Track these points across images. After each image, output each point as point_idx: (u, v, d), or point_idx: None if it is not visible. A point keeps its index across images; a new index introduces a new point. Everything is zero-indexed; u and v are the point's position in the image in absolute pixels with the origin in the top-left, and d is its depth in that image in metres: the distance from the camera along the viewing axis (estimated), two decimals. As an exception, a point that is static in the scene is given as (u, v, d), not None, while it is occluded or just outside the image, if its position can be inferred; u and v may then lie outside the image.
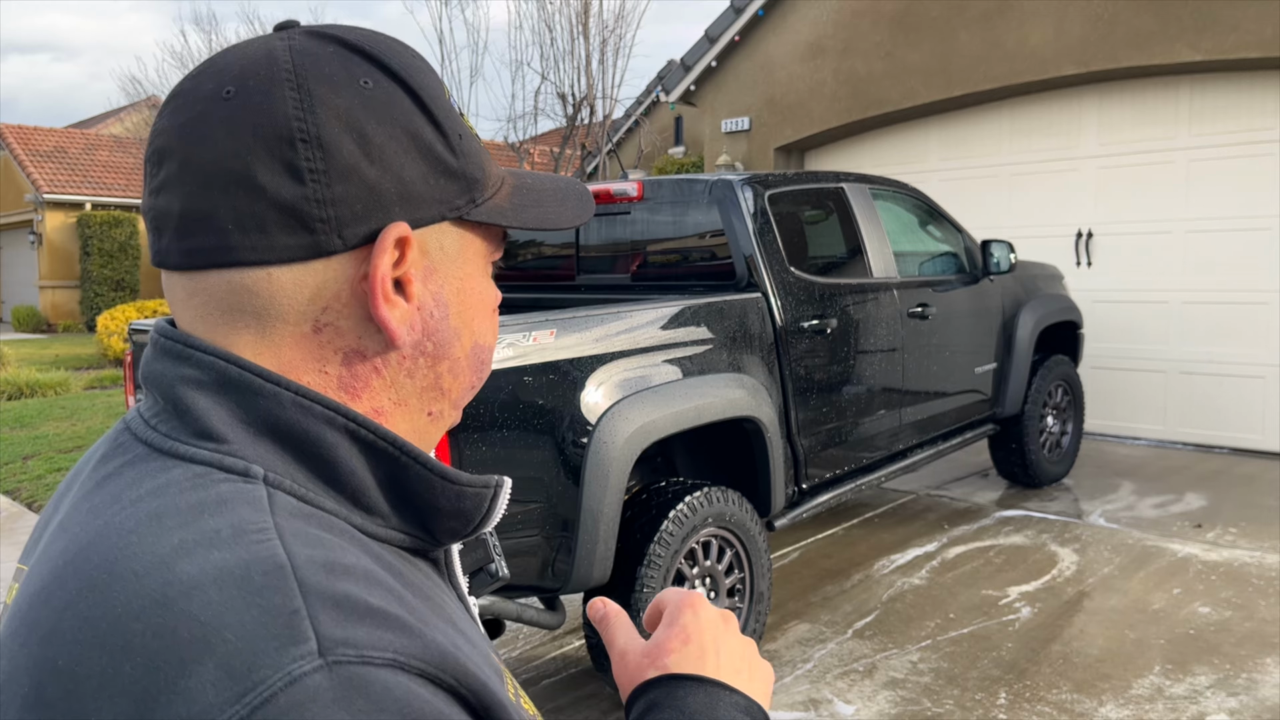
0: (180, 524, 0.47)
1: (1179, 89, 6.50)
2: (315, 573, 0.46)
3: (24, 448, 7.08)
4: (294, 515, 0.50)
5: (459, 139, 0.59)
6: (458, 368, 0.62)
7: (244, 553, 0.46)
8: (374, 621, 0.45)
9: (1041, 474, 5.40)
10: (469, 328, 0.62)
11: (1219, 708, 2.97)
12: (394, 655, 0.45)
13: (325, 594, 0.45)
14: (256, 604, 0.44)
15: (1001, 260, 4.81)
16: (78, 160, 20.64)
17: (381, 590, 0.48)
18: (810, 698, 3.11)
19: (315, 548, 0.48)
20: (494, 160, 0.64)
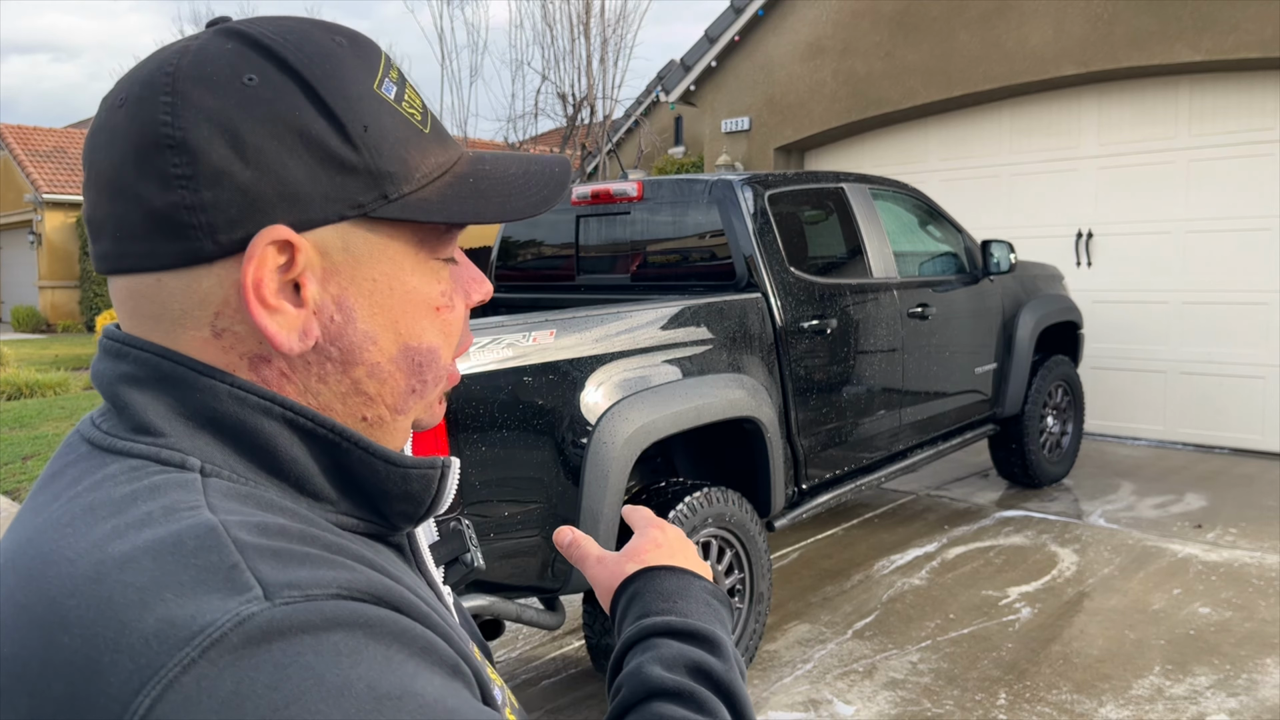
0: (113, 512, 0.48)
1: (1179, 89, 6.50)
2: (249, 532, 0.47)
3: (23, 448, 7.08)
4: (229, 497, 0.50)
5: (363, 130, 0.55)
6: (379, 373, 0.59)
7: (175, 526, 0.46)
8: (313, 564, 0.47)
9: (1041, 474, 5.40)
10: (390, 331, 0.58)
11: (1219, 708, 2.97)
12: (338, 589, 0.46)
13: (262, 548, 0.46)
14: (193, 565, 0.44)
15: (1001, 260, 4.81)
16: (77, 160, 20.62)
17: (320, 544, 0.49)
18: (810, 698, 3.11)
19: (248, 516, 0.49)
20: (439, 148, 0.59)
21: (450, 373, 0.64)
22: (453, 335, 0.62)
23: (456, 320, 0.63)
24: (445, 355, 0.62)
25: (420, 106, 0.60)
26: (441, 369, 0.62)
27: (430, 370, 0.61)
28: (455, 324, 0.63)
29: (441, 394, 0.65)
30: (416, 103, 0.59)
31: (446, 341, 0.62)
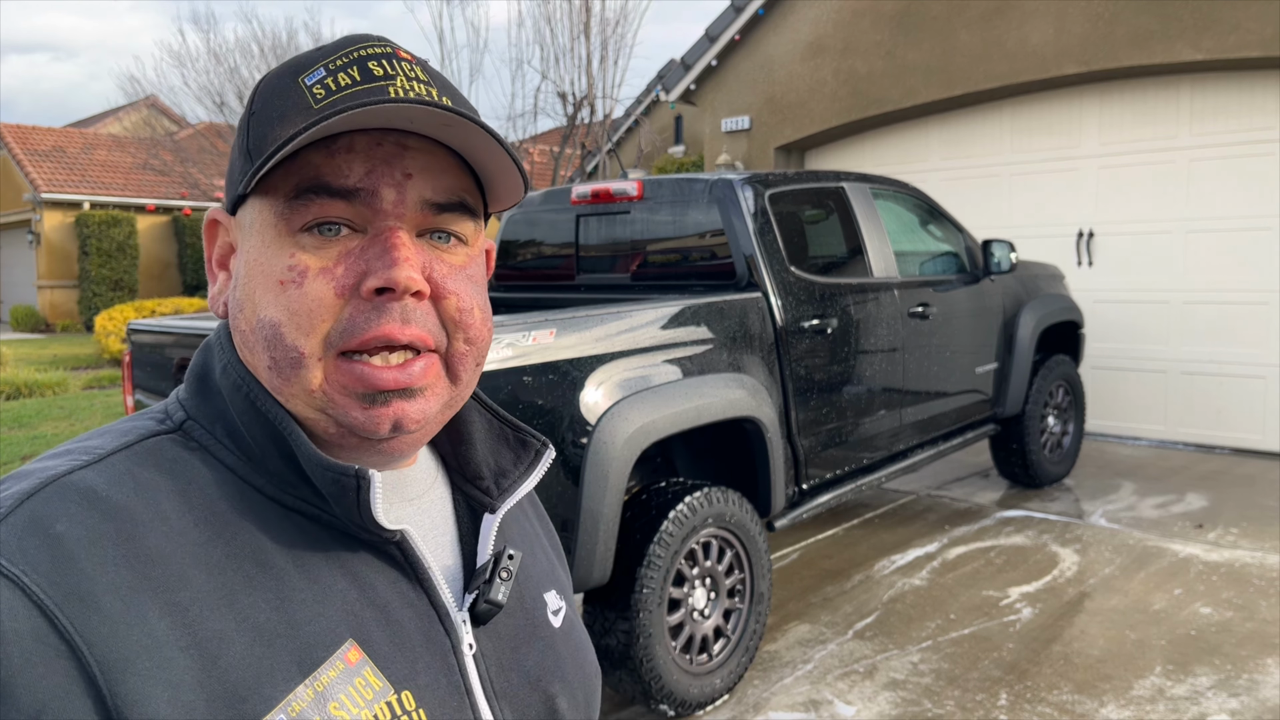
0: (89, 435, 0.62)
1: (1180, 88, 6.49)
2: (60, 491, 0.54)
3: (22, 448, 7.07)
4: (147, 454, 0.59)
5: (249, 117, 0.63)
6: (248, 341, 0.62)
7: (63, 461, 0.57)
8: (42, 544, 0.52)
9: (1042, 474, 5.39)
10: (250, 299, 0.61)
11: (1220, 708, 2.96)
12: (19, 575, 0.51)
13: (36, 508, 0.53)
14: (5, 489, 0.55)
15: (1002, 260, 4.80)
16: (76, 160, 20.62)
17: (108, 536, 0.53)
18: (810, 698, 3.10)
19: (105, 478, 0.56)
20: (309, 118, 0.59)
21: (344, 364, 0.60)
22: (300, 313, 0.59)
23: (306, 298, 0.59)
24: (291, 334, 0.59)
25: (340, 85, 0.60)
26: (288, 346, 0.59)
27: (277, 348, 0.60)
28: (304, 302, 0.59)
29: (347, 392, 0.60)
30: (342, 82, 0.60)
31: (290, 320, 0.59)
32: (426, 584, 0.64)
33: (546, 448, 0.75)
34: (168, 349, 3.28)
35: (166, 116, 20.66)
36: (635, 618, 2.78)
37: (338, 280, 0.59)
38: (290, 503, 0.61)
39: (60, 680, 0.49)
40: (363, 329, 0.59)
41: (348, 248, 0.60)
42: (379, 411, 0.60)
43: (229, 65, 14.06)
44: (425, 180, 0.61)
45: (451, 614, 0.65)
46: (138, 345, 3.46)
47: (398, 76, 0.60)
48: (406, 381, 0.60)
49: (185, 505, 0.57)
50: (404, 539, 0.63)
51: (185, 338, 3.22)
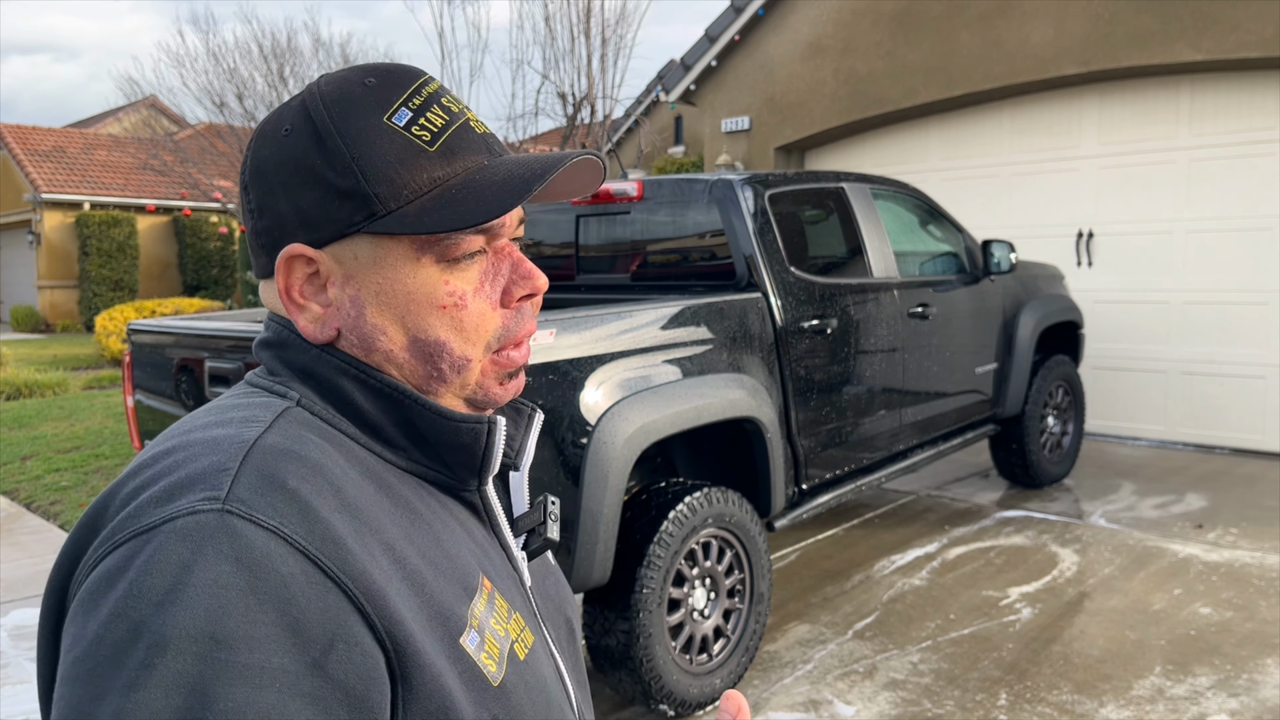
0: (215, 410, 0.68)
1: (1179, 89, 6.49)
2: (267, 453, 0.61)
3: (22, 448, 7.07)
4: (300, 422, 0.66)
5: (350, 160, 0.67)
6: (395, 359, 0.71)
7: (233, 430, 0.63)
8: (285, 499, 0.59)
9: (1042, 474, 5.39)
10: (398, 324, 0.70)
11: (1220, 708, 2.96)
12: (278, 527, 0.57)
13: (259, 468, 0.60)
14: (208, 458, 0.60)
15: (1002, 260, 4.80)
16: (76, 160, 20.62)
17: (325, 489, 0.61)
18: (810, 699, 3.10)
19: (290, 440, 0.64)
20: (441, 163, 0.68)
21: (498, 358, 0.74)
22: (469, 329, 0.71)
23: (472, 316, 0.71)
24: (460, 346, 0.71)
25: (439, 127, 0.69)
26: (458, 358, 0.72)
27: (444, 359, 0.71)
28: (471, 319, 0.71)
29: (496, 376, 0.74)
30: (437, 124, 0.69)
31: (459, 335, 0.71)
32: (497, 529, 0.76)
33: (535, 411, 0.84)
34: (168, 349, 3.28)
35: (166, 117, 20.66)
36: (635, 618, 2.78)
37: (490, 298, 0.72)
38: (404, 465, 0.71)
39: (339, 612, 0.57)
40: (517, 330, 0.74)
41: (482, 268, 0.72)
42: (512, 384, 0.76)
43: (228, 66, 14.05)
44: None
45: (514, 552, 0.77)
46: (138, 346, 3.46)
47: (464, 112, 0.72)
48: (526, 359, 0.77)
49: (350, 462, 0.66)
50: (483, 494, 0.75)
51: (185, 338, 3.21)
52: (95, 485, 5.96)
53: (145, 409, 3.42)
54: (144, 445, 3.47)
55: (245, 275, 16.27)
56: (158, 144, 17.05)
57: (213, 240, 20.67)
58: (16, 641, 3.71)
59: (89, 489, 5.89)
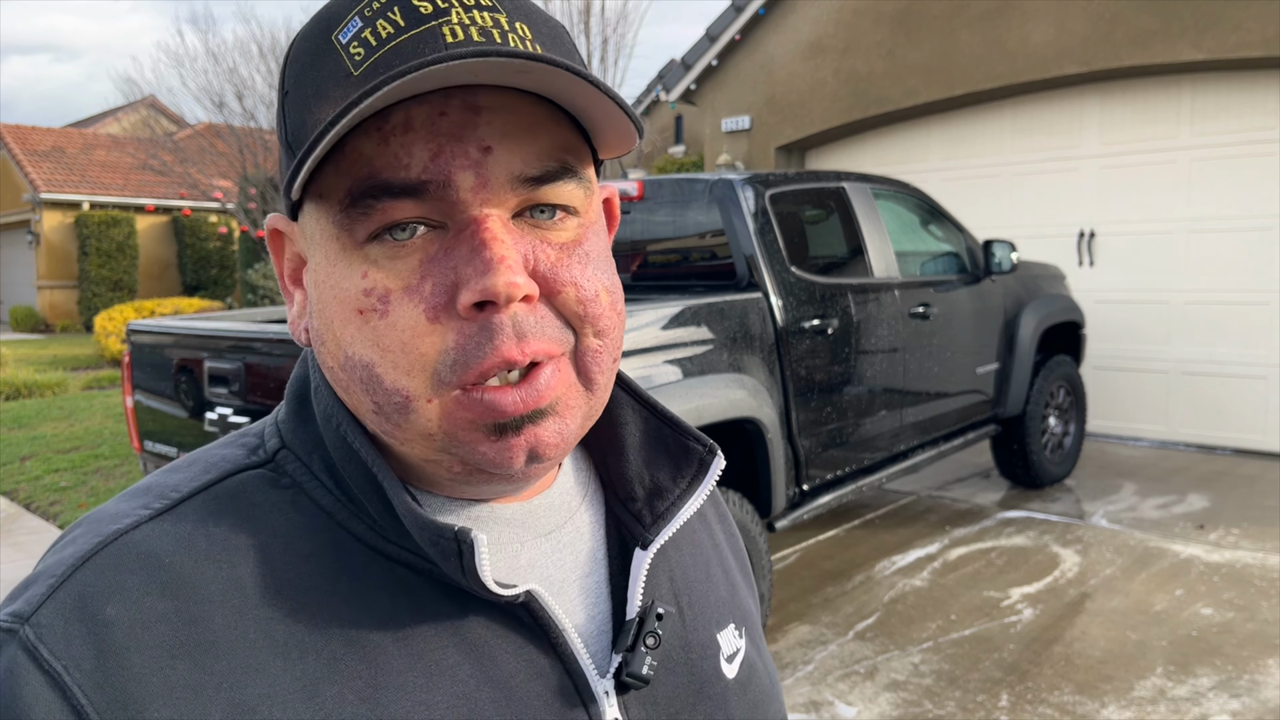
0: (169, 470, 0.55)
1: (1181, 88, 6.48)
2: (114, 561, 0.47)
3: (21, 448, 7.06)
4: (230, 497, 0.51)
5: (284, 97, 0.50)
6: (340, 381, 0.50)
7: (128, 505, 0.51)
8: (90, 632, 0.45)
9: (1043, 475, 5.39)
10: (330, 332, 0.50)
11: (1221, 709, 2.95)
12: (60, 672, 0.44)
13: (82, 588, 0.46)
14: (67, 549, 0.49)
15: (1003, 260, 4.80)
16: (75, 160, 20.61)
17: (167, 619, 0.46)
18: (811, 699, 3.09)
19: (173, 537, 0.49)
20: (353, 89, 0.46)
21: (464, 398, 0.48)
22: (393, 348, 0.47)
23: (395, 332, 0.47)
24: (391, 378, 0.47)
25: (382, 39, 0.46)
26: (390, 391, 0.48)
27: (377, 393, 0.48)
28: (393, 334, 0.47)
29: (475, 426, 0.48)
30: (382, 33, 0.46)
31: (384, 358, 0.47)
32: (560, 648, 0.52)
33: (713, 455, 0.59)
34: (167, 350, 3.27)
35: (165, 116, 20.67)
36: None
37: (427, 300, 0.47)
38: (394, 553, 0.51)
39: None
40: (475, 358, 0.47)
41: (428, 252, 0.47)
42: (510, 442, 0.48)
43: (227, 65, 14.07)
44: (510, 149, 0.47)
45: (592, 683, 0.53)
46: (137, 346, 3.45)
47: (452, 9, 0.46)
48: (535, 401, 0.48)
49: (265, 568, 0.48)
50: (532, 599, 0.52)
51: (184, 338, 3.21)
52: (94, 485, 5.95)
53: (145, 409, 3.41)
54: (143, 446, 3.47)
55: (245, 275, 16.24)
56: (157, 144, 17.05)
57: (212, 240, 20.67)
58: (15, 642, 3.70)
59: (88, 489, 5.88)
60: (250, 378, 2.87)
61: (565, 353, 0.50)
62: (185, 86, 18.89)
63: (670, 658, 0.57)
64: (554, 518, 0.57)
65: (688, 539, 0.64)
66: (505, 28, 0.47)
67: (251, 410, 2.88)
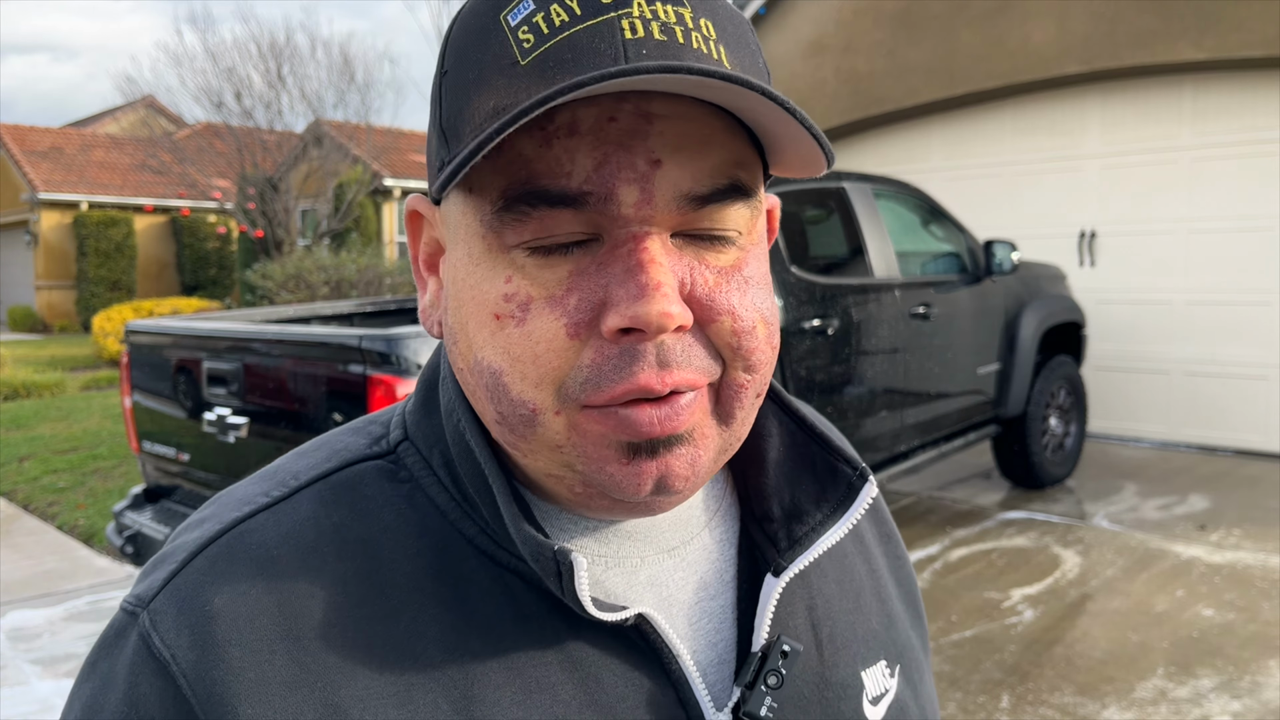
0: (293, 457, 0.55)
1: (1182, 88, 6.47)
2: (226, 554, 0.48)
3: (20, 449, 7.05)
4: (347, 488, 0.50)
5: (442, 76, 0.47)
6: (467, 383, 0.48)
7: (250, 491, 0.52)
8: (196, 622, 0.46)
9: (1044, 475, 5.38)
10: (464, 331, 0.47)
11: (1223, 710, 2.94)
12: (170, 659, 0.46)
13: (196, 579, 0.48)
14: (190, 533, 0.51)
15: (1004, 260, 4.79)
16: (74, 160, 20.60)
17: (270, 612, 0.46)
18: (813, 702, 3.08)
19: (284, 527, 0.49)
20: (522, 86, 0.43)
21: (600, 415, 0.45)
22: (525, 362, 0.45)
23: (529, 342, 0.44)
24: (518, 387, 0.45)
25: (554, 27, 0.43)
26: (516, 406, 0.45)
27: (502, 401, 0.46)
28: (527, 347, 0.44)
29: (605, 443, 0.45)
30: (556, 21, 0.43)
31: (513, 367, 0.45)
32: (674, 674, 0.49)
33: (864, 480, 0.54)
34: (165, 350, 3.26)
35: (164, 116, 20.65)
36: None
37: (570, 314, 0.44)
38: (504, 560, 0.48)
39: None
40: (610, 382, 0.44)
41: (580, 264, 0.44)
42: (642, 466, 0.45)
43: (226, 65, 14.04)
44: (680, 164, 0.44)
45: (707, 716, 0.49)
46: (135, 346, 3.44)
47: (633, 2, 0.43)
48: (674, 425, 0.45)
49: (370, 565, 0.47)
50: (644, 623, 0.48)
51: (183, 338, 3.20)
52: (93, 486, 5.94)
53: (143, 410, 3.40)
54: (141, 446, 3.46)
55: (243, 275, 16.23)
56: (155, 143, 17.04)
57: (210, 240, 20.66)
58: (14, 643, 3.69)
59: (86, 490, 5.87)
60: (248, 378, 2.86)
61: (711, 382, 0.47)
62: (184, 86, 18.93)
63: (802, 695, 0.52)
64: (680, 533, 0.53)
65: (836, 563, 0.59)
66: (689, 25, 0.43)
67: (251, 411, 2.86)
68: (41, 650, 3.62)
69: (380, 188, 16.65)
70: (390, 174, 17.08)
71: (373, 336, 2.49)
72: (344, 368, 2.54)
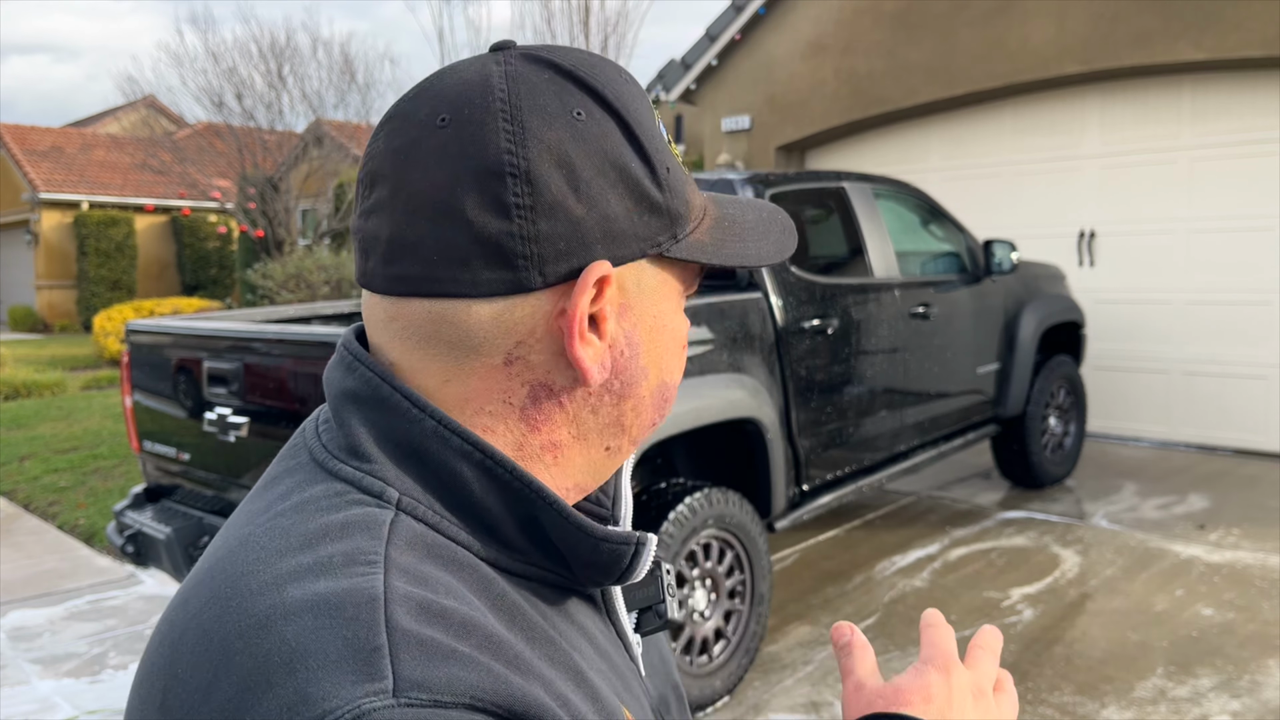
0: (302, 546, 0.50)
1: (1181, 88, 6.48)
2: (408, 611, 0.46)
3: (20, 448, 7.05)
4: (412, 546, 0.51)
5: (666, 172, 0.57)
6: (641, 406, 0.61)
7: (346, 583, 0.47)
8: (457, 664, 0.45)
9: (1044, 475, 5.38)
10: (657, 365, 0.60)
11: (1222, 709, 2.95)
12: (470, 698, 0.44)
13: (411, 635, 0.45)
14: (343, 635, 0.45)
15: (1003, 260, 4.79)
16: (74, 159, 20.60)
17: (477, 637, 0.47)
18: (811, 700, 3.09)
19: (418, 585, 0.48)
20: (696, 189, 0.61)
21: None
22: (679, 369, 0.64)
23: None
24: (674, 397, 0.65)
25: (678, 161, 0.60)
26: (672, 405, 0.65)
27: (670, 404, 0.64)
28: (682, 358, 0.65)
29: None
30: (676, 153, 0.60)
31: (680, 378, 0.64)
32: (614, 616, 0.65)
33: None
34: (166, 350, 3.27)
35: (165, 116, 20.64)
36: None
37: None
38: (519, 570, 0.56)
39: None
40: None
41: None
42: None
43: (227, 65, 14.04)
44: None
45: (629, 640, 0.65)
46: (136, 346, 3.44)
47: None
48: None
49: (474, 591, 0.51)
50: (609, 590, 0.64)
51: (184, 338, 3.20)
52: (93, 486, 5.95)
53: (144, 409, 3.40)
54: (142, 446, 3.46)
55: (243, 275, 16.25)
56: (156, 143, 17.03)
57: (211, 240, 20.66)
58: (15, 642, 3.70)
59: (87, 489, 5.88)
60: (249, 378, 2.86)
61: None
62: (185, 86, 18.91)
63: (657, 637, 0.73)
64: None
65: None
66: None
67: (251, 410, 2.87)
68: (42, 650, 3.63)
69: (381, 188, 16.63)
70: (391, 174, 17.06)
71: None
72: (344, 367, 2.55)
